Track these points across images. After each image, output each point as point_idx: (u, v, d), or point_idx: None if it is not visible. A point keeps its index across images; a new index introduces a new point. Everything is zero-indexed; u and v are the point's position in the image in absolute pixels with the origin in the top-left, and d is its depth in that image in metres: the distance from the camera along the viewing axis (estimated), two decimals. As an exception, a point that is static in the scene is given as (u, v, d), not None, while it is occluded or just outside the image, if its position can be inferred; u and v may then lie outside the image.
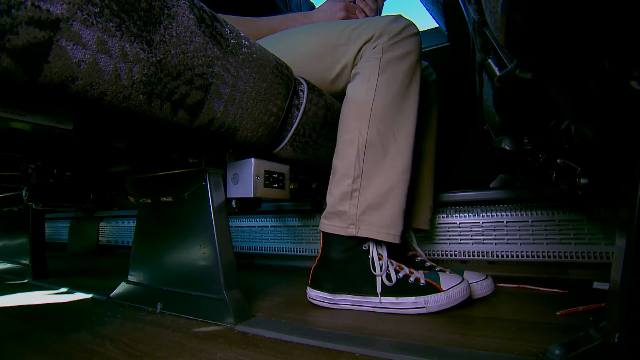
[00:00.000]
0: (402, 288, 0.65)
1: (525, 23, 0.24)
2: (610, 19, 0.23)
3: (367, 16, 0.92)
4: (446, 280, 0.65)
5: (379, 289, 0.66)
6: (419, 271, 0.69)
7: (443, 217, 1.09)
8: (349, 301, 0.68)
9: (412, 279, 0.66)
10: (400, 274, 0.67)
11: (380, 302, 0.65)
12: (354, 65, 0.74)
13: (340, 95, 0.80)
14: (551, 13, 0.22)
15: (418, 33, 0.72)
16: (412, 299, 0.64)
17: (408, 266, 0.74)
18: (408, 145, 0.70)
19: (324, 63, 0.78)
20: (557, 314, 0.60)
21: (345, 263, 0.70)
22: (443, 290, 0.63)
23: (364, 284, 0.67)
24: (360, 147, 0.69)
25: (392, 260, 0.70)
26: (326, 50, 0.77)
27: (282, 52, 0.73)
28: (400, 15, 0.73)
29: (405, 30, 0.70)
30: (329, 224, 0.72)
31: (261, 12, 0.98)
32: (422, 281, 0.65)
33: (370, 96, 0.69)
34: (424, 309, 0.63)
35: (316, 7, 1.27)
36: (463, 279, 0.66)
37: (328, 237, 0.73)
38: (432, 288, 0.64)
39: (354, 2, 0.93)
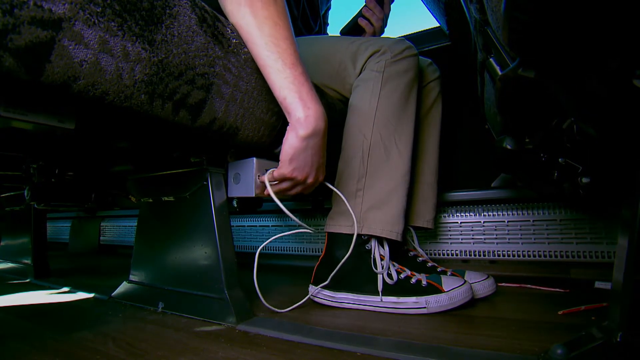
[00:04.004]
0: (403, 288, 0.66)
1: (528, 21, 0.24)
2: (613, 16, 0.23)
3: (373, 26, 0.96)
4: (448, 281, 0.65)
5: (380, 287, 0.66)
6: (421, 274, 0.69)
7: (444, 216, 1.09)
8: (350, 299, 0.68)
9: (413, 280, 0.66)
10: (402, 275, 0.67)
11: (381, 301, 0.66)
12: (358, 74, 0.79)
13: (340, 99, 0.84)
14: (554, 11, 0.22)
15: (416, 55, 0.80)
16: (413, 298, 0.64)
17: (410, 267, 0.75)
18: (408, 150, 0.75)
19: (329, 67, 0.82)
20: (559, 313, 0.60)
21: (348, 262, 0.70)
22: (445, 291, 0.63)
23: (365, 283, 0.68)
24: (365, 150, 0.73)
25: (394, 263, 0.70)
26: (333, 56, 0.82)
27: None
28: (403, 38, 0.81)
29: (406, 51, 0.77)
30: (333, 224, 0.73)
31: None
32: (424, 282, 0.65)
33: (374, 104, 0.74)
34: (425, 309, 0.63)
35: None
36: (465, 281, 0.66)
37: (332, 237, 0.74)
38: (433, 289, 0.64)
39: (362, 11, 0.94)
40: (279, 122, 0.66)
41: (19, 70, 0.33)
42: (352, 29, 0.97)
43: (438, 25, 1.20)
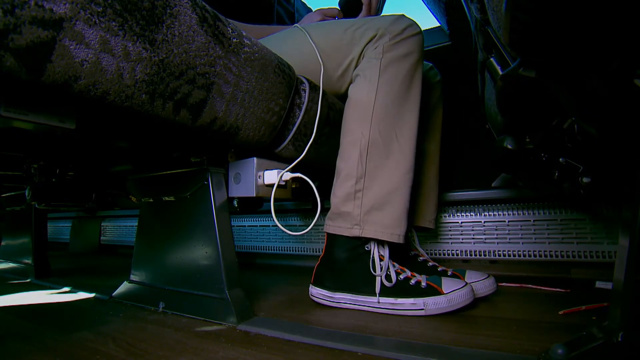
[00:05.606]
0: (401, 289, 0.65)
1: (529, 21, 0.24)
2: (614, 16, 0.23)
3: (370, 0, 0.91)
4: (448, 283, 0.64)
5: (377, 289, 0.66)
6: (422, 275, 0.68)
7: (445, 216, 1.09)
8: (347, 300, 0.68)
9: (413, 281, 0.65)
10: (401, 276, 0.66)
11: (379, 302, 0.65)
12: (356, 65, 0.75)
13: (342, 95, 0.80)
14: (555, 10, 0.22)
15: (420, 33, 0.73)
16: (411, 300, 0.63)
17: (410, 267, 0.74)
18: (410, 145, 0.71)
19: (327, 63, 0.78)
20: (560, 313, 0.59)
21: (347, 262, 0.70)
22: (444, 293, 0.62)
23: (363, 284, 0.67)
24: (362, 148, 0.69)
25: (394, 263, 0.69)
26: (330, 51, 0.77)
27: (286, 52, 0.72)
28: (403, 15, 0.74)
29: (407, 30, 0.71)
30: (333, 225, 0.72)
31: (260, 15, 0.99)
32: (423, 284, 0.64)
33: (372, 97, 0.69)
34: (422, 310, 0.62)
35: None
36: (466, 283, 0.64)
37: (332, 237, 0.73)
38: (432, 290, 0.63)
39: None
40: (279, 122, 0.66)
41: (20, 70, 0.33)
42: (351, 1, 0.95)
43: (438, 25, 1.20)
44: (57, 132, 0.60)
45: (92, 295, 0.86)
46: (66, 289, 0.94)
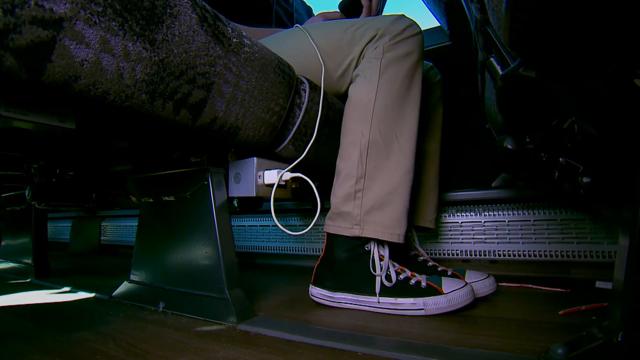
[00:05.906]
0: (401, 289, 0.65)
1: (529, 21, 0.24)
2: (615, 16, 0.23)
3: (370, 2, 0.91)
4: (448, 283, 0.64)
5: (377, 289, 0.66)
6: (422, 275, 0.68)
7: (445, 216, 1.09)
8: (348, 299, 0.68)
9: (413, 281, 0.65)
10: (402, 276, 0.66)
11: (379, 302, 0.65)
12: (356, 65, 0.75)
13: (342, 95, 0.80)
14: (556, 10, 0.22)
15: (420, 33, 0.73)
16: (411, 300, 0.63)
17: (410, 267, 0.74)
18: (410, 145, 0.71)
19: (327, 63, 0.78)
20: (560, 313, 0.59)
21: (347, 262, 0.70)
22: (444, 293, 0.62)
23: (363, 284, 0.67)
24: (362, 148, 0.69)
25: (394, 263, 0.69)
26: (330, 51, 0.77)
27: (286, 52, 0.73)
28: (403, 15, 0.74)
29: (407, 30, 0.71)
30: (333, 225, 0.72)
31: (260, 15, 0.99)
32: (423, 284, 0.64)
33: (372, 97, 0.69)
34: (422, 310, 0.62)
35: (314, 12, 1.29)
36: (466, 283, 0.64)
37: (332, 237, 0.73)
38: (432, 290, 0.63)
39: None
40: (279, 121, 0.66)
41: (20, 70, 0.33)
42: (351, 3, 0.95)
43: (438, 25, 1.20)
44: (57, 132, 0.60)
45: (92, 295, 0.86)
46: (66, 289, 0.94)
